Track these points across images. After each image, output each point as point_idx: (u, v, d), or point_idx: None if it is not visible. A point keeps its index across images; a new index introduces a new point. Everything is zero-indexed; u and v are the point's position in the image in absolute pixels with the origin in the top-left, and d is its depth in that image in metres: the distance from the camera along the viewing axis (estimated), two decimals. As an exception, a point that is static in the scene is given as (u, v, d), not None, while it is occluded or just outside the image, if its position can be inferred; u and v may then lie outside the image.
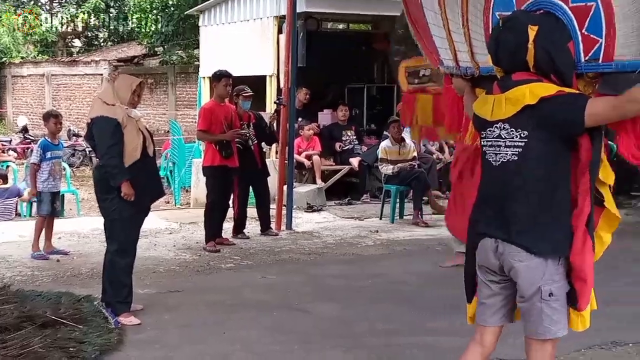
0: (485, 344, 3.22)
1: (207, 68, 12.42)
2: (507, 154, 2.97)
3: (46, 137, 7.54)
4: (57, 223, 8.36)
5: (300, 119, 11.13)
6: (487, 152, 3.07)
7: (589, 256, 2.97)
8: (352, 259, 7.46)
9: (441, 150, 11.94)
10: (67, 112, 22.92)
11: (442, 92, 6.42)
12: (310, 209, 10.12)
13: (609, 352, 4.60)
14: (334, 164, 11.53)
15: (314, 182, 10.93)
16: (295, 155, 10.09)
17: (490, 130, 3.05)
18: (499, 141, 3.00)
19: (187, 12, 15.25)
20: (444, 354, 4.54)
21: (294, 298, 5.90)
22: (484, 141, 3.10)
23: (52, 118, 7.45)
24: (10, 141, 19.26)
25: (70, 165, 15.35)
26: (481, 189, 3.17)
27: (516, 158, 2.94)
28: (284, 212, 8.96)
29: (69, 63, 24.03)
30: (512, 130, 2.95)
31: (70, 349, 4.45)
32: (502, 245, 3.00)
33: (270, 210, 9.18)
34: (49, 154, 7.30)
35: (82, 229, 8.61)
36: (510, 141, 2.96)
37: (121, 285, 5.19)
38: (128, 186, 5.09)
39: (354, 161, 11.10)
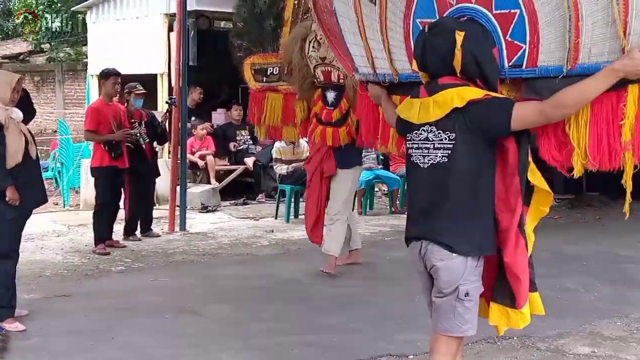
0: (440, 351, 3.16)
1: (96, 66, 12.10)
2: (436, 155, 3.01)
3: None
4: None
5: (193, 119, 11.01)
6: (414, 154, 3.10)
7: (522, 255, 3.05)
8: (247, 259, 7.44)
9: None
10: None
11: (292, 91, 6.83)
12: (205, 209, 10.02)
13: (494, 345, 4.76)
14: (228, 164, 11.46)
15: (208, 183, 10.83)
16: (189, 155, 9.98)
17: (416, 133, 3.08)
18: (426, 143, 3.04)
19: (74, 8, 14.79)
20: (333, 352, 4.60)
21: (186, 300, 5.82)
22: (409, 144, 3.13)
23: None
24: None
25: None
26: (410, 191, 3.23)
27: (446, 160, 2.99)
28: (177, 212, 8.83)
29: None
30: (439, 133, 3.00)
31: (-52, 359, 4.24)
32: (426, 245, 3.05)
33: (164, 211, 9.07)
34: None
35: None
36: (439, 143, 3.00)
37: (3, 290, 4.97)
38: (13, 190, 4.90)
39: (249, 161, 11.08)
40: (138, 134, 7.89)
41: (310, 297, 5.98)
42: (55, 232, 8.61)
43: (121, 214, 8.21)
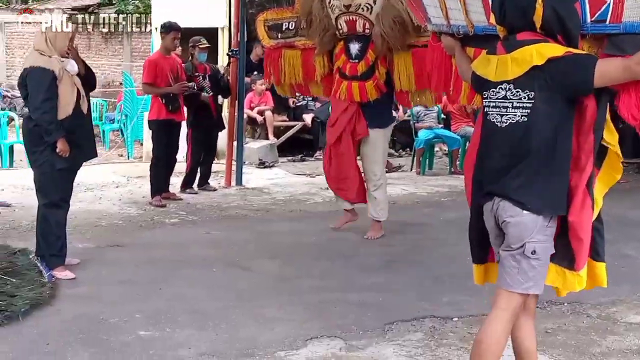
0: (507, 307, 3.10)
1: (159, 19, 12.12)
2: (515, 114, 2.95)
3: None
4: (2, 175, 8.23)
5: (255, 73, 10.99)
6: (491, 112, 3.04)
7: (587, 215, 2.99)
8: (300, 216, 7.44)
9: (395, 108, 11.88)
10: (21, 62, 22.37)
11: (310, 46, 6.54)
12: (262, 165, 10.05)
13: (543, 311, 4.65)
14: (287, 120, 11.45)
15: (267, 138, 10.86)
16: (248, 111, 10.01)
17: (493, 91, 3.02)
18: (504, 102, 2.98)
19: (141, -40, 14.86)
20: (376, 311, 4.57)
21: (237, 254, 5.86)
22: (485, 101, 3.07)
23: None
24: (-38, 88, 18.77)
25: (22, 116, 15.00)
26: (483, 149, 3.13)
27: (525, 119, 2.92)
28: (233, 167, 8.88)
29: (22, 11, 23.35)
30: (518, 92, 2.93)
31: (0, 302, 4.36)
32: (498, 202, 3.00)
33: (221, 165, 9.13)
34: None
35: (28, 181, 8.42)
36: (517, 102, 2.94)
37: (54, 239, 5.08)
38: (63, 142, 4.94)
39: (307, 117, 11.03)
40: (203, 87, 7.95)
41: (358, 255, 5.95)
42: (115, 183, 8.77)
43: (179, 166, 8.31)
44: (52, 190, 5.06)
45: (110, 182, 8.81)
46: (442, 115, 10.86)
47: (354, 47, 6.10)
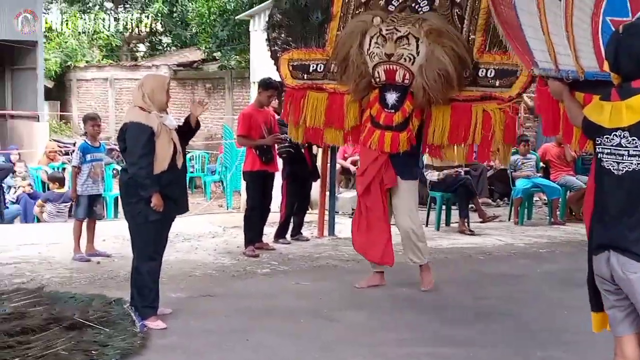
0: (626, 355, 3.12)
1: (257, 73, 12.49)
2: (631, 163, 2.94)
3: (86, 140, 7.68)
4: (104, 225, 8.55)
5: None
6: (606, 159, 3.03)
7: None
8: (391, 267, 7.34)
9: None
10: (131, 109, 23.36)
11: (339, 90, 6.36)
12: (355, 214, 10.04)
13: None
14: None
15: (361, 188, 10.85)
16: (341, 161, 10.08)
17: (607, 138, 3.01)
18: (619, 149, 2.97)
19: (239, 16, 15.37)
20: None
21: (325, 305, 5.85)
22: (599, 148, 3.06)
23: (89, 121, 7.61)
24: (74, 144, 19.66)
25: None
26: (599, 197, 3.11)
27: None
28: (326, 217, 8.92)
29: (131, 67, 24.54)
30: (634, 139, 2.93)
31: (93, 351, 4.49)
32: (615, 255, 2.96)
33: (314, 215, 9.19)
34: (88, 157, 7.43)
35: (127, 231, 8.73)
36: (633, 150, 2.93)
37: (147, 290, 5.20)
38: (158, 197, 5.04)
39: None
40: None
41: (448, 307, 5.83)
42: (211, 233, 8.95)
43: (273, 216, 8.41)
44: (145, 242, 5.18)
45: (207, 232, 9.00)
46: (541, 164, 10.61)
47: (391, 97, 5.97)
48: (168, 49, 29.04)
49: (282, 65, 6.66)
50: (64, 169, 12.86)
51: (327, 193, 8.90)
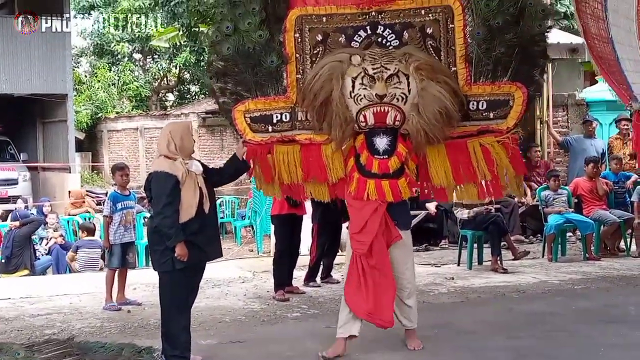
0: None
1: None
2: None
3: (115, 189, 7.74)
4: (135, 273, 8.55)
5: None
6: None
7: None
8: (422, 307, 7.17)
9: (524, 193, 11.55)
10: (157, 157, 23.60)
11: (315, 140, 5.60)
12: (386, 255, 9.94)
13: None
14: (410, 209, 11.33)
15: (391, 229, 10.76)
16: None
17: None
18: None
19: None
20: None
21: (355, 348, 5.74)
22: None
23: (117, 171, 7.69)
24: (106, 194, 19.85)
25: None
26: None
27: None
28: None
29: (160, 116, 24.85)
30: None
31: (122, 401, 4.45)
32: None
33: (343, 257, 9.10)
34: (119, 205, 7.48)
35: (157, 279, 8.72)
36: None
37: (177, 341, 5.14)
38: (182, 247, 5.00)
39: (431, 206, 10.89)
40: None
41: (485, 349, 5.70)
42: (241, 278, 8.91)
43: (302, 259, 8.36)
44: (173, 290, 5.14)
45: (237, 277, 8.96)
46: (573, 199, 10.45)
47: (382, 142, 5.37)
48: (196, 97, 29.41)
49: (238, 118, 5.71)
50: (92, 219, 12.95)
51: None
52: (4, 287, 8.65)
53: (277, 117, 5.66)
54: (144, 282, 8.49)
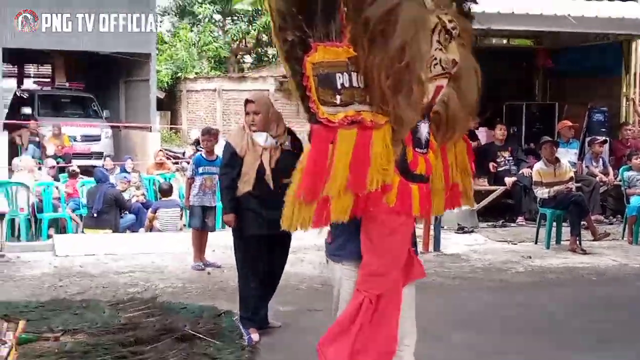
0: None
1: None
2: None
3: (202, 153, 7.89)
4: (214, 236, 8.72)
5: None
6: None
7: None
8: (499, 286, 7.20)
9: (605, 172, 11.28)
10: (236, 127, 23.91)
11: (376, 122, 3.25)
12: (461, 230, 9.90)
13: None
14: (487, 184, 11.21)
15: (467, 203, 10.67)
16: (447, 175, 9.88)
17: None
18: None
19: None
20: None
21: (430, 324, 5.71)
22: None
23: (202, 135, 7.88)
24: (184, 153, 20.22)
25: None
26: None
27: None
28: (432, 232, 8.82)
29: (238, 79, 25.10)
30: None
31: (203, 364, 4.60)
32: None
33: (419, 230, 9.09)
34: (200, 169, 7.64)
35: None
36: None
37: (247, 302, 5.32)
38: (228, 216, 5.24)
39: (509, 181, 10.73)
40: None
41: (563, 331, 5.65)
42: (316, 245, 8.98)
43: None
44: (243, 256, 5.33)
45: (312, 244, 9.04)
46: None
47: (424, 129, 3.52)
48: (274, 60, 29.52)
49: (309, 76, 3.19)
50: (171, 179, 13.24)
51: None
52: (89, 243, 8.98)
53: (340, 80, 3.25)
54: (222, 244, 8.65)
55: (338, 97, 3.24)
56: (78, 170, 12.78)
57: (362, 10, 3.16)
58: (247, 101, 5.27)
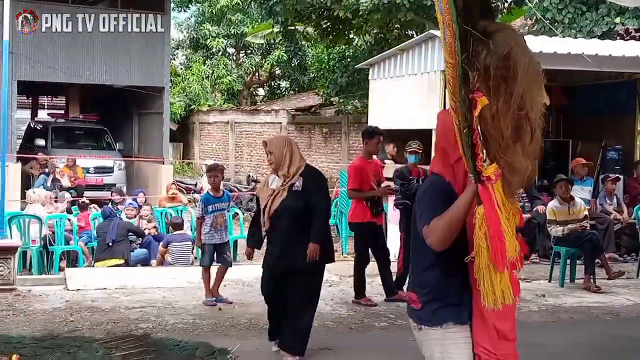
0: None
1: (374, 120, 12.52)
2: None
3: (208, 191, 7.88)
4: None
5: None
6: None
7: None
8: (512, 325, 7.11)
9: (619, 210, 11.21)
10: (248, 159, 24.02)
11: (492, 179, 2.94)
12: (474, 266, 9.81)
13: None
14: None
15: (480, 239, 10.61)
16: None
17: None
18: None
19: (358, 65, 15.53)
20: None
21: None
22: None
23: (208, 172, 7.95)
24: (196, 184, 20.25)
25: (248, 210, 15.88)
26: None
27: None
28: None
29: (251, 111, 25.22)
30: None
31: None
32: None
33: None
34: (210, 207, 7.64)
35: (247, 277, 8.81)
36: None
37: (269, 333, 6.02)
38: (247, 249, 6.22)
39: (523, 218, 10.65)
40: (410, 189, 8.01)
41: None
42: (328, 281, 8.92)
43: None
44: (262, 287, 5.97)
45: (324, 280, 8.98)
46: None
47: None
48: (286, 93, 29.70)
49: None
50: (183, 212, 13.22)
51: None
52: (100, 277, 8.95)
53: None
54: (234, 279, 8.61)
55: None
56: (88, 202, 12.79)
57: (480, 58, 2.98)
58: (263, 143, 6.03)
